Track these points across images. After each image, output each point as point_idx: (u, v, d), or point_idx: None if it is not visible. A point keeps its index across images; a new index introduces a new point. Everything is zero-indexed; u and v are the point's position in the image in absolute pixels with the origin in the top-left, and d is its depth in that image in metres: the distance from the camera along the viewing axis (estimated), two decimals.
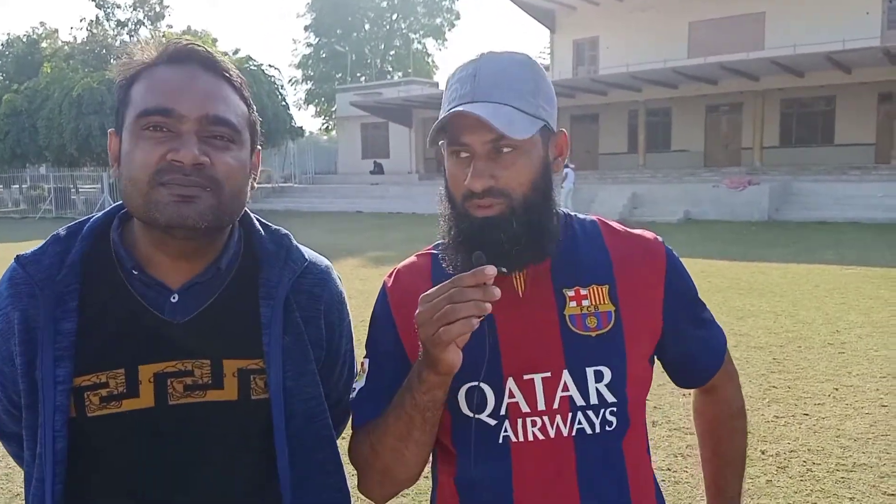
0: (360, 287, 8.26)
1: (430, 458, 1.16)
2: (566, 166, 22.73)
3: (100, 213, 1.11)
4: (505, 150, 1.01)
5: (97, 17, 41.50)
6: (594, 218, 1.19)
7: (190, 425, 1.04)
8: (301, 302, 1.11)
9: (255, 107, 1.09)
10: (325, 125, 51.25)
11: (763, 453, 3.79)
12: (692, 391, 1.33)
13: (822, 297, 8.11)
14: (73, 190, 30.77)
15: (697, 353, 1.20)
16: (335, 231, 17.92)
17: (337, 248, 13.20)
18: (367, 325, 1.17)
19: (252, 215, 1.15)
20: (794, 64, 21.66)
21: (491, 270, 0.89)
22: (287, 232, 1.16)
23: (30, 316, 1.01)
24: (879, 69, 21.14)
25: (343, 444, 1.16)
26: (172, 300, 1.04)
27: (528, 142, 1.01)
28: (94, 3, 41.34)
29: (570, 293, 1.09)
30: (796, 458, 3.71)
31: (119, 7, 42.63)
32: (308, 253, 1.16)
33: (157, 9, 42.62)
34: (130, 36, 41.44)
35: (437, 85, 36.28)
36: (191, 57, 1.02)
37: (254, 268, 1.10)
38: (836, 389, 4.80)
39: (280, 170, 38.73)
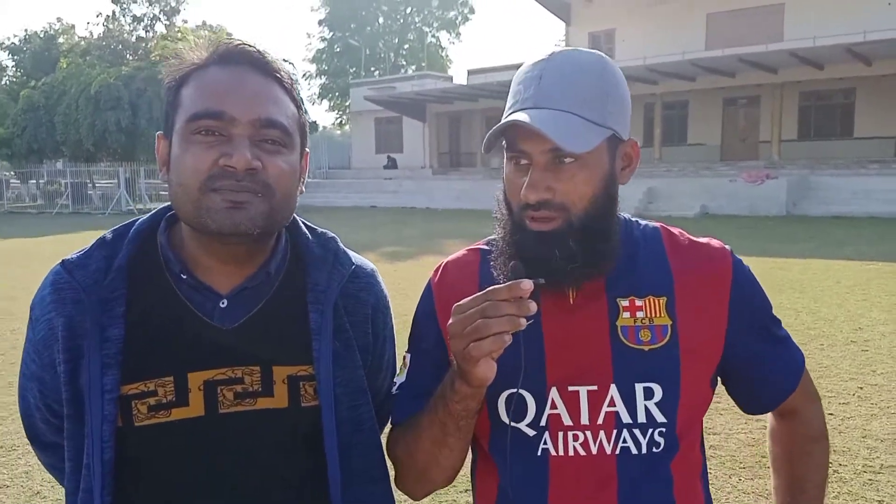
0: None
1: (471, 461, 1.15)
2: None
3: (145, 216, 1.09)
4: (566, 160, 0.95)
5: (113, 13, 41.76)
6: (657, 225, 1.12)
7: (240, 434, 1.01)
8: (349, 306, 1.09)
9: (304, 108, 1.08)
10: (339, 120, 51.33)
11: None
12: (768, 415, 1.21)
13: (843, 293, 8.00)
14: (89, 185, 31.03)
15: (767, 373, 1.10)
16: (350, 226, 17.94)
17: (352, 243, 12.99)
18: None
19: (298, 218, 1.12)
20: (814, 56, 21.38)
21: (527, 285, 0.84)
22: (333, 235, 1.14)
23: (75, 322, 0.99)
24: None
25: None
26: (221, 305, 1.02)
27: (592, 153, 0.95)
28: None
29: (625, 303, 1.03)
30: None
31: (135, 2, 42.85)
32: (354, 256, 1.15)
33: (173, 3, 42.81)
34: (146, 31, 41.70)
35: (451, 79, 36.20)
36: (242, 57, 0.99)
37: (301, 272, 1.08)
38: (861, 388, 4.73)
39: None
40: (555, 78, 0.96)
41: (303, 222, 1.13)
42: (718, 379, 1.10)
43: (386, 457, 1.13)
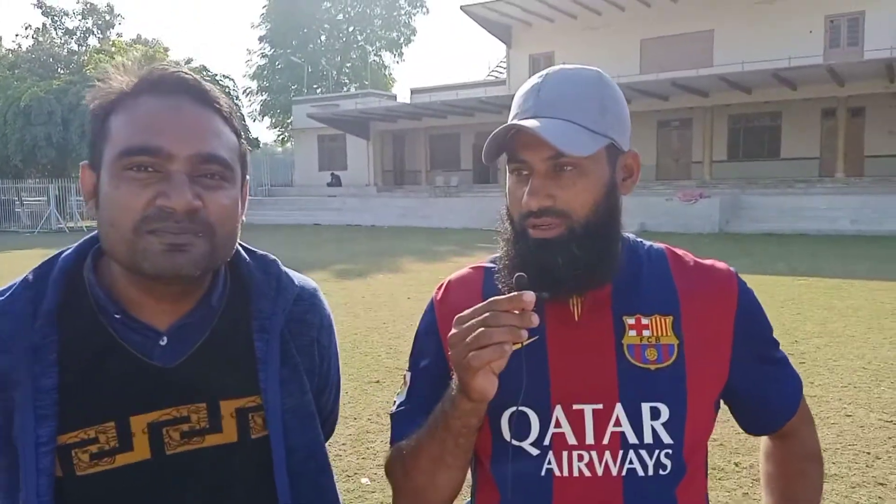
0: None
1: (471, 481, 1.13)
2: None
3: (69, 251, 1.01)
4: (566, 168, 0.96)
5: (44, 25, 40.31)
6: (662, 246, 1.12)
7: (190, 474, 0.98)
8: (294, 331, 1.06)
9: (243, 135, 1.03)
10: (281, 137, 50.74)
11: (737, 465, 3.88)
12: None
13: (777, 307, 8.34)
14: (17, 202, 29.71)
15: (771, 396, 1.11)
16: (295, 244, 17.70)
17: (299, 261, 13.03)
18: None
19: (237, 242, 1.07)
20: (742, 80, 22.37)
21: (529, 297, 0.83)
22: (275, 258, 1.10)
23: (3, 373, 0.92)
24: (823, 86, 22.00)
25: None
26: (161, 343, 0.96)
27: (591, 160, 0.97)
28: (40, 11, 40.13)
29: (631, 321, 1.02)
30: None
31: (67, 15, 41.55)
32: (296, 277, 1.11)
33: (108, 17, 41.64)
34: (79, 45, 40.38)
35: (394, 97, 36.32)
36: (177, 85, 0.93)
37: (243, 299, 1.04)
38: None
39: None
40: (554, 89, 0.99)
41: (240, 245, 1.07)
42: (721, 402, 1.11)
43: (336, 482, 1.12)
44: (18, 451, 0.90)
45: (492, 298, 0.86)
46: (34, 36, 39.74)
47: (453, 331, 0.88)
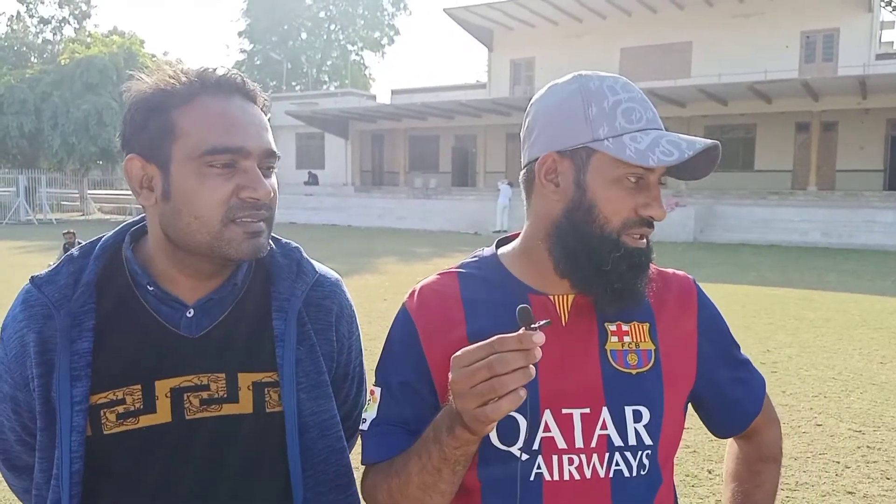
0: None
1: None
2: (501, 182, 23.03)
3: (110, 233, 1.11)
4: (661, 182, 1.03)
5: (18, 13, 39.56)
6: None
7: (207, 440, 1.03)
8: (312, 314, 1.12)
9: None
10: None
11: (710, 473, 3.90)
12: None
13: (750, 317, 8.44)
14: None
15: (735, 397, 1.14)
16: None
17: None
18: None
19: None
20: (719, 92, 22.66)
21: (539, 338, 0.79)
22: (297, 245, 1.17)
23: (46, 337, 1.01)
24: (797, 100, 22.36)
25: (355, 460, 1.12)
26: (188, 315, 1.04)
27: None
28: None
29: (612, 327, 1.05)
30: None
31: (43, 3, 40.82)
32: (318, 266, 1.17)
33: (84, 7, 40.96)
34: (54, 34, 39.67)
35: (374, 97, 36.18)
36: (236, 88, 1.02)
37: (265, 281, 1.10)
38: None
39: None
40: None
41: None
42: (689, 406, 1.14)
43: (352, 465, 1.12)
44: (56, 410, 0.98)
45: (497, 337, 0.81)
46: (8, 24, 39.01)
47: (454, 376, 0.84)
